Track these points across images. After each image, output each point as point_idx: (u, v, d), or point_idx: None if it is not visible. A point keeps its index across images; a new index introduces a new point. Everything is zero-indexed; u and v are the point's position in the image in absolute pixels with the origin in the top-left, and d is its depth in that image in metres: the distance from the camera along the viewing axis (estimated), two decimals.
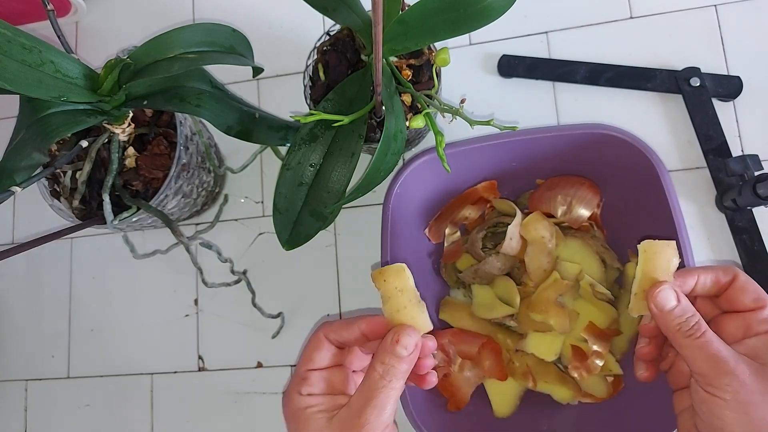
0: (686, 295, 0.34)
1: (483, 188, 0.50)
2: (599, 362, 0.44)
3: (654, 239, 0.34)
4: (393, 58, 0.46)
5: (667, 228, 0.42)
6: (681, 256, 0.39)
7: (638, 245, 0.35)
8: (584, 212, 0.47)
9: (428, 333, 0.34)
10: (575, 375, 0.45)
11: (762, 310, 0.33)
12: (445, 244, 0.51)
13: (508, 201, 0.49)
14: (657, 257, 0.34)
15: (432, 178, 0.48)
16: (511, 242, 0.46)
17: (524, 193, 0.51)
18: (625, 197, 0.47)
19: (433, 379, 0.35)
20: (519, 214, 0.47)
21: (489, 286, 0.49)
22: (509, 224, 0.46)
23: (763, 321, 0.33)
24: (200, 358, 0.56)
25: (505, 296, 0.47)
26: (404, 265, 0.34)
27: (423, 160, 0.46)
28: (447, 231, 0.51)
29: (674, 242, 0.34)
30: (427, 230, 0.51)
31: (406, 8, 0.42)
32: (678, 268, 0.34)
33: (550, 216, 0.47)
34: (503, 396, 0.47)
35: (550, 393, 0.46)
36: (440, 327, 0.49)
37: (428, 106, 0.41)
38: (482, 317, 0.48)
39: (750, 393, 0.31)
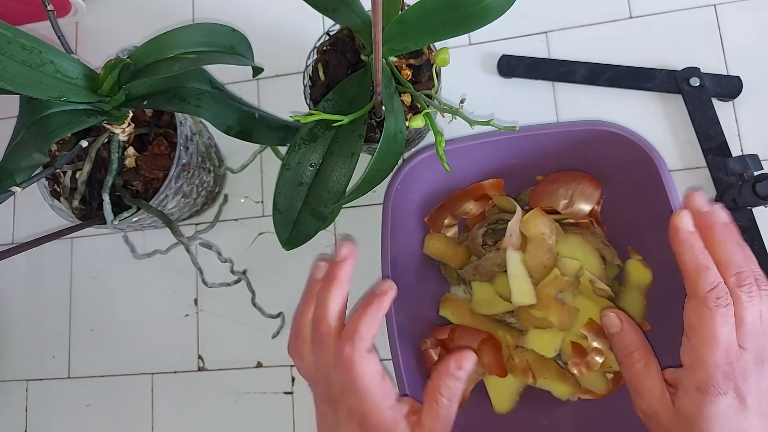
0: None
1: (488, 185, 0.50)
2: (599, 359, 0.44)
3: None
4: (393, 58, 0.46)
5: (667, 224, 0.42)
6: None
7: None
8: (585, 206, 0.47)
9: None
10: (575, 371, 0.45)
11: (689, 341, 0.34)
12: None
13: (509, 198, 0.49)
14: None
15: (432, 176, 0.48)
16: (511, 238, 0.46)
17: (525, 189, 0.51)
18: (626, 194, 0.47)
19: None
20: (519, 210, 0.47)
21: (489, 283, 0.49)
22: (509, 221, 0.46)
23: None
24: (200, 358, 0.56)
25: (505, 293, 0.47)
26: None
27: (423, 157, 0.46)
28: (446, 222, 0.51)
29: None
30: (427, 218, 0.51)
31: (406, 8, 0.42)
32: None
33: (550, 212, 0.47)
34: (503, 392, 0.47)
35: (549, 389, 0.46)
36: (440, 323, 0.49)
37: (428, 106, 0.41)
38: (482, 313, 0.48)
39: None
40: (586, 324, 0.45)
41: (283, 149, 0.48)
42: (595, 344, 0.44)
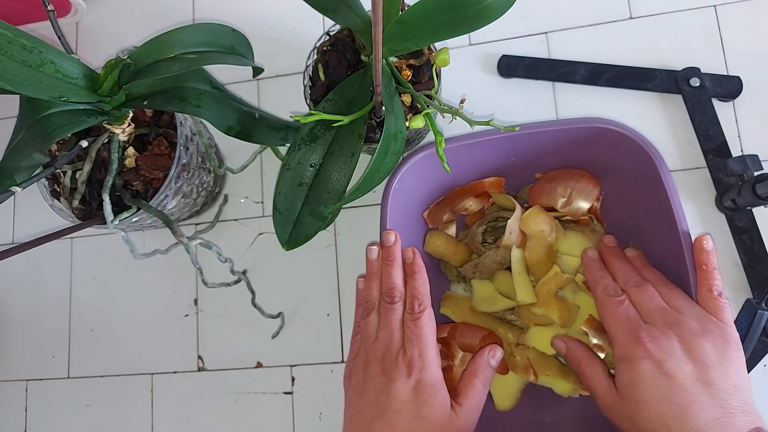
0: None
1: (489, 183, 0.50)
2: (600, 355, 0.44)
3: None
4: (393, 59, 0.46)
5: (666, 221, 0.42)
6: (683, 246, 0.41)
7: None
8: (584, 204, 0.47)
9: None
10: None
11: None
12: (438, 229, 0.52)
13: (508, 195, 0.49)
14: None
15: (431, 174, 0.48)
16: (510, 236, 0.46)
17: (524, 187, 0.51)
18: (625, 191, 0.47)
19: None
20: (518, 207, 0.47)
21: (489, 281, 0.49)
22: (509, 218, 0.47)
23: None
24: (200, 358, 0.56)
25: (505, 290, 0.48)
26: None
27: (421, 156, 0.46)
28: (445, 218, 0.51)
29: None
30: (426, 213, 0.51)
31: (406, 8, 0.42)
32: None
33: (550, 209, 0.48)
34: (505, 389, 0.47)
35: (551, 386, 0.46)
36: (441, 321, 0.49)
37: (428, 106, 0.41)
38: (483, 311, 0.48)
39: (619, 419, 0.38)
40: (587, 321, 0.45)
41: (283, 149, 0.48)
42: (595, 341, 0.44)
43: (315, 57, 0.49)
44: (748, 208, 0.48)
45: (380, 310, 0.43)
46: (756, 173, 0.47)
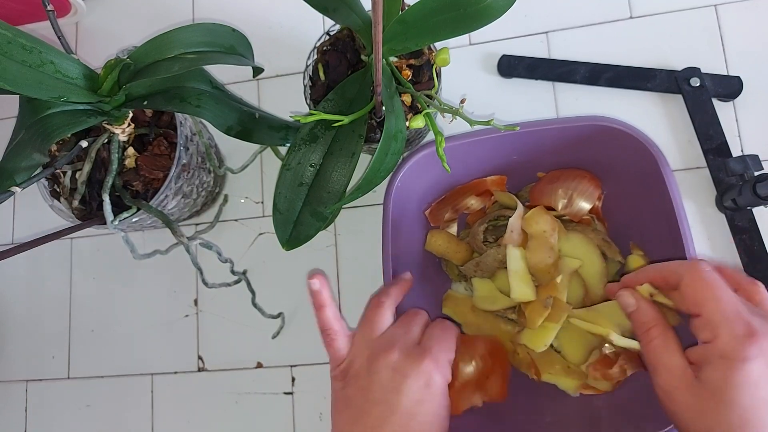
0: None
1: (491, 181, 0.50)
2: (618, 372, 0.44)
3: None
4: (393, 58, 0.46)
5: (668, 219, 0.42)
6: (683, 247, 0.40)
7: None
8: (585, 205, 0.47)
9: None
10: (592, 379, 0.45)
11: (700, 317, 0.34)
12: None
13: (510, 194, 0.49)
14: None
15: (432, 173, 0.48)
16: (512, 234, 0.46)
17: (526, 186, 0.51)
18: (627, 189, 0.47)
19: None
20: (520, 206, 0.47)
21: (490, 279, 0.49)
22: (510, 217, 0.46)
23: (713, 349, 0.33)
24: (200, 358, 0.56)
25: (506, 289, 0.47)
26: None
27: (423, 155, 0.46)
28: (446, 216, 0.51)
29: None
30: (427, 211, 0.51)
31: (406, 8, 0.42)
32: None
33: (551, 209, 0.47)
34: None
35: (555, 383, 0.46)
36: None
37: (428, 106, 0.41)
38: (484, 309, 0.48)
39: (683, 409, 0.33)
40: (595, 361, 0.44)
41: (283, 149, 0.48)
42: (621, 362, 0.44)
43: (315, 57, 0.49)
44: (749, 208, 0.48)
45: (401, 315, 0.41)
46: (756, 173, 0.47)
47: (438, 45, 0.45)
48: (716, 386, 0.32)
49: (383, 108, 0.39)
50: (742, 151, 0.51)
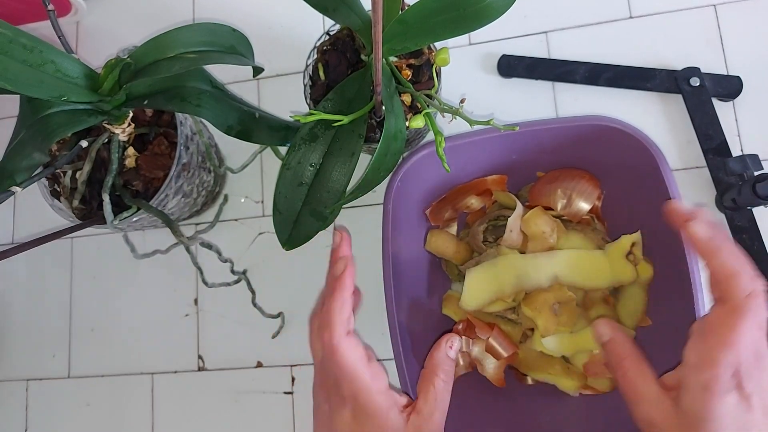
0: None
1: (492, 181, 0.50)
2: None
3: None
4: (393, 58, 0.46)
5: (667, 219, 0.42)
6: (683, 247, 0.40)
7: None
8: (584, 205, 0.47)
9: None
10: (593, 380, 0.45)
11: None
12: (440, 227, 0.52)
13: (509, 193, 0.49)
14: None
15: (432, 172, 0.48)
16: (511, 234, 0.46)
17: (525, 185, 0.51)
18: (626, 189, 0.47)
19: None
20: (519, 205, 0.47)
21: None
22: (510, 217, 0.47)
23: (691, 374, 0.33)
24: (200, 357, 0.56)
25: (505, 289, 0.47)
26: None
27: (423, 155, 0.46)
28: (446, 215, 0.51)
29: None
30: (428, 210, 0.51)
31: (406, 8, 0.42)
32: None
33: (550, 209, 0.47)
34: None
35: (555, 383, 0.46)
36: (441, 320, 0.49)
37: (428, 105, 0.41)
38: (484, 310, 0.48)
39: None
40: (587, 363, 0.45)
41: (283, 149, 0.48)
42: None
43: (315, 56, 0.49)
44: (748, 207, 0.48)
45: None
46: (756, 173, 0.47)
47: (438, 45, 0.45)
48: (697, 417, 0.32)
49: (383, 108, 0.39)
50: (741, 150, 0.51)
